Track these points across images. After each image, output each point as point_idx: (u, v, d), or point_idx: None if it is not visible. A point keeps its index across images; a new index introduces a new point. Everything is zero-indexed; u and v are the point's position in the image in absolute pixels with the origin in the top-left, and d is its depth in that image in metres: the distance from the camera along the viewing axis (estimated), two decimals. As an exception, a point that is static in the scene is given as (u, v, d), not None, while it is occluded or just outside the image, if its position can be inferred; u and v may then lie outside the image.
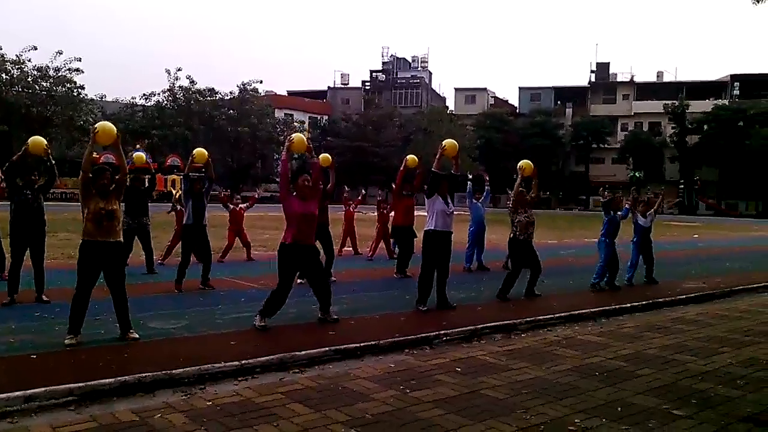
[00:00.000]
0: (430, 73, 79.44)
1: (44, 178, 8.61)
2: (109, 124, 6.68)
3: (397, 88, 76.93)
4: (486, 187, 13.07)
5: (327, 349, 6.24)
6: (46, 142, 7.98)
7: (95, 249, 6.29)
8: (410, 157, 11.43)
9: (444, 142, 8.86)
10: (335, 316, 7.57)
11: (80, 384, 4.87)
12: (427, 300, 8.51)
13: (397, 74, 77.90)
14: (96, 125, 6.64)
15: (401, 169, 11.47)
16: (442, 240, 8.56)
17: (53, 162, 8.31)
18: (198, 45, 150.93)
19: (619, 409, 4.91)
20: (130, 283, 6.67)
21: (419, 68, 78.67)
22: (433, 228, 8.54)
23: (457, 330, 7.30)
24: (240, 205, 14.08)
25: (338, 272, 11.01)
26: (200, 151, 9.69)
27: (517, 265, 9.77)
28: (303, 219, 7.27)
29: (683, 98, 63.76)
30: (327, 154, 10.42)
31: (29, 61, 45.76)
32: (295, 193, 7.39)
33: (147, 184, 11.28)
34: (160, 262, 11.97)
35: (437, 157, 8.70)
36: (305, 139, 7.62)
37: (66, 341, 6.11)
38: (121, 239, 6.64)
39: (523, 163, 9.82)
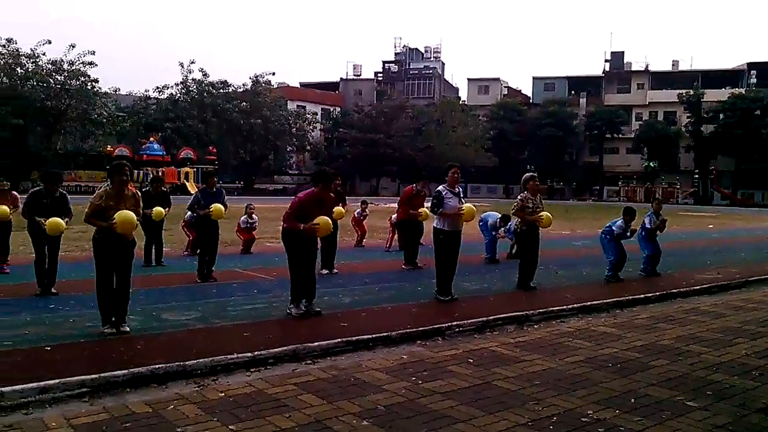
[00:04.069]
0: (443, 64, 79.12)
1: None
2: (129, 216, 6.35)
3: (409, 79, 76.70)
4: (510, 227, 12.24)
5: (339, 340, 6.26)
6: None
7: (109, 245, 6.39)
8: (423, 211, 11.10)
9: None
10: (318, 309, 7.47)
11: (93, 375, 4.91)
12: (449, 290, 8.52)
13: (409, 65, 77.62)
14: (116, 219, 6.26)
15: (408, 190, 11.55)
16: (451, 239, 8.56)
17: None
18: (211, 37, 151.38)
19: (633, 400, 4.88)
20: (145, 275, 6.72)
21: (432, 59, 78.37)
22: (442, 228, 8.50)
23: (469, 321, 7.28)
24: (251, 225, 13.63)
25: (350, 264, 11.02)
26: (218, 209, 9.63)
27: (529, 252, 9.68)
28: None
29: (698, 87, 63.09)
30: (341, 209, 10.73)
31: (44, 54, 46.23)
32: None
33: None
34: (187, 254, 12.29)
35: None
36: (330, 223, 7.51)
37: (105, 331, 6.28)
38: (134, 239, 6.70)
39: (544, 215, 9.47)
